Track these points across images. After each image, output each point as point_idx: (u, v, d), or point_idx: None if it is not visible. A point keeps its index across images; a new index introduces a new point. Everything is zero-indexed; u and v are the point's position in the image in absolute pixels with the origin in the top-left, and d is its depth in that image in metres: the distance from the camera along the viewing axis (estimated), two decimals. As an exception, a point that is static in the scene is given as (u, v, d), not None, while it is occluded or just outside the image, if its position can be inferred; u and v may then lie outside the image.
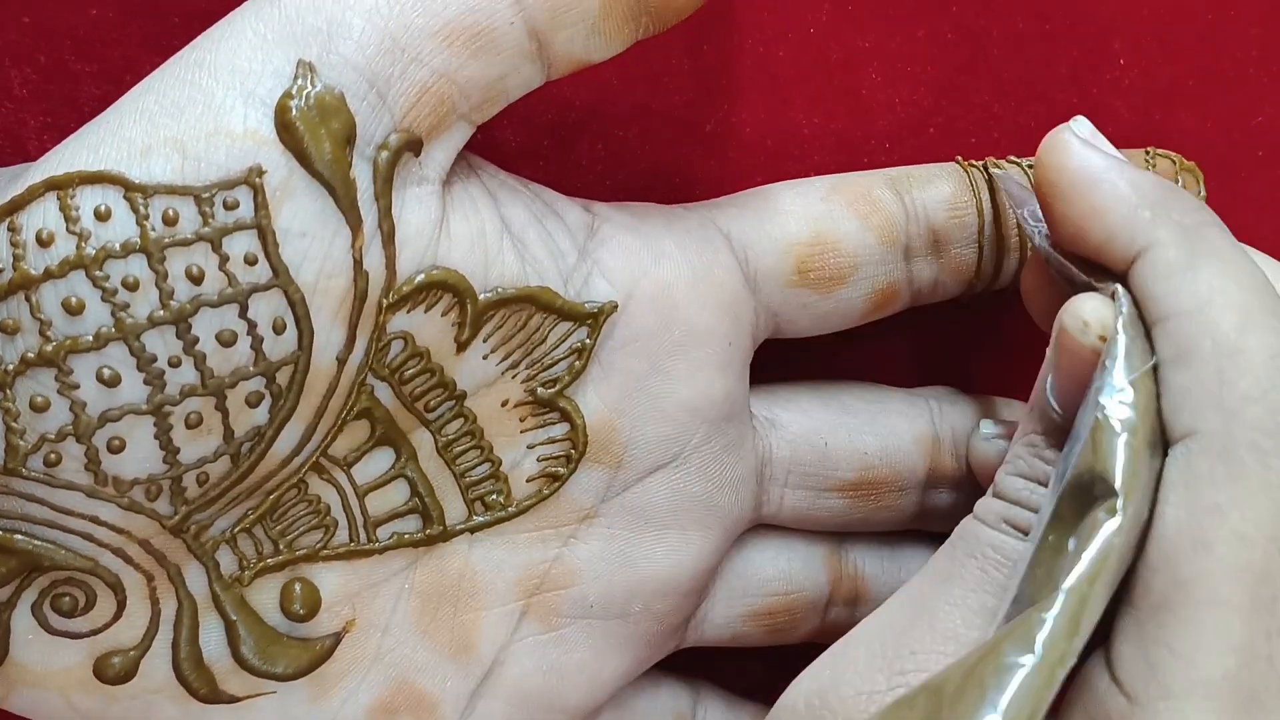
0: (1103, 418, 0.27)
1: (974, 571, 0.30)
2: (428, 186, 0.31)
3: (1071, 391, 0.29)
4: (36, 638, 0.31)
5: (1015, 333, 0.39)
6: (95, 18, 0.36)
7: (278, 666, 0.32)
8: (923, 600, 0.30)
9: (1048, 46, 0.39)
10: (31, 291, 0.28)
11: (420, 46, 0.30)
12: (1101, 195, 0.30)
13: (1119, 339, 0.28)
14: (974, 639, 0.29)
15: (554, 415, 0.33)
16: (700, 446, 0.35)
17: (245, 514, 0.31)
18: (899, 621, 0.30)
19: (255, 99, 0.29)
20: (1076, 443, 0.28)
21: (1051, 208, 0.31)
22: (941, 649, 0.29)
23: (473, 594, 0.34)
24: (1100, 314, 0.29)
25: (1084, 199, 0.30)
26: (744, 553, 0.37)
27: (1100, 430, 0.27)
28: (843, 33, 0.38)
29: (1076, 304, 0.29)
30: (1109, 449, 0.27)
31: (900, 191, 0.36)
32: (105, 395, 0.29)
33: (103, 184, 0.29)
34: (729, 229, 0.35)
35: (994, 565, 0.29)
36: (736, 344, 0.35)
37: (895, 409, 0.38)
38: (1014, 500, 0.30)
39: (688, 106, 0.38)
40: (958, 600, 0.29)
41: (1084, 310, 0.29)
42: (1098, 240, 0.30)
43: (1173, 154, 0.38)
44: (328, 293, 0.30)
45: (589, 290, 0.33)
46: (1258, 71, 0.40)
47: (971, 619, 0.29)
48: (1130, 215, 0.29)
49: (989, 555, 0.30)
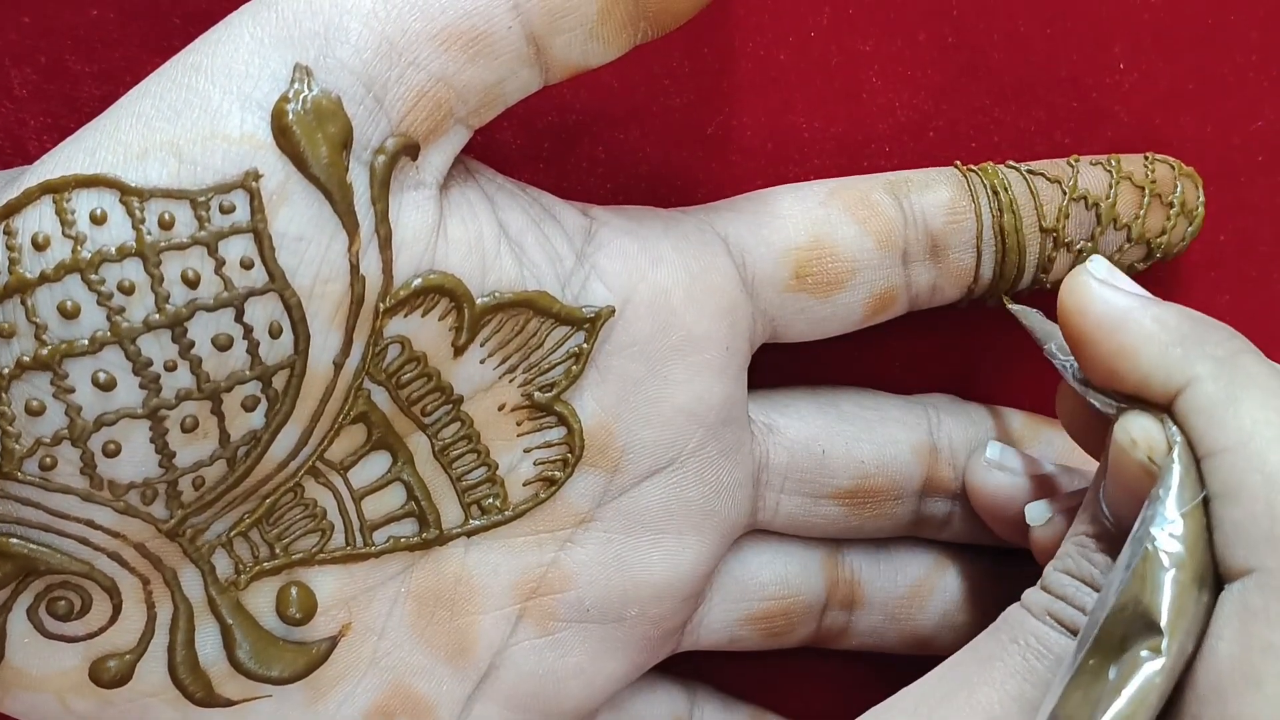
0: (1152, 549, 0.27)
1: (1016, 658, 0.30)
2: (425, 191, 0.31)
3: (1122, 501, 0.30)
4: (32, 641, 0.31)
5: (1014, 339, 0.39)
6: (95, 18, 0.36)
7: (274, 670, 0.32)
8: (963, 677, 0.30)
9: (1048, 50, 0.39)
10: (27, 295, 0.28)
11: (417, 51, 0.30)
12: (1129, 336, 0.30)
13: (1174, 469, 0.28)
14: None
15: (551, 419, 0.33)
16: (697, 451, 0.35)
17: (241, 518, 0.31)
18: (937, 693, 0.30)
19: (252, 103, 0.29)
20: (1123, 569, 0.28)
21: (1081, 350, 0.31)
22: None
23: (469, 598, 0.34)
24: (1148, 433, 0.29)
25: (1111, 340, 0.30)
26: (741, 557, 0.37)
27: (1149, 563, 0.27)
28: (843, 36, 0.38)
29: (1128, 421, 0.29)
30: (1157, 583, 0.27)
31: (899, 196, 0.36)
32: (101, 399, 0.29)
33: (99, 187, 0.28)
34: (727, 233, 0.35)
35: (1036, 655, 0.30)
36: (734, 348, 0.35)
37: (893, 417, 0.38)
38: (1060, 596, 0.30)
39: (688, 109, 0.38)
40: (998, 683, 0.30)
41: (1133, 429, 0.29)
42: (1135, 380, 0.29)
43: (1171, 159, 0.38)
44: (324, 297, 0.30)
45: (586, 294, 0.33)
46: (1257, 75, 0.40)
47: (1010, 705, 0.29)
48: (1162, 354, 0.29)
49: (1032, 644, 0.30)
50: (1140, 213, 0.37)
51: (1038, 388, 0.40)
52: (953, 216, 0.36)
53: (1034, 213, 0.36)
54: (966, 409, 0.39)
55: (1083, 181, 0.37)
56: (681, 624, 0.36)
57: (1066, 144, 0.39)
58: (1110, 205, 0.36)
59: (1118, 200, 0.37)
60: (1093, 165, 0.37)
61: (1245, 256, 0.41)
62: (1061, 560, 0.31)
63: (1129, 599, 0.27)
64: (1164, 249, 0.37)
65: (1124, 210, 0.37)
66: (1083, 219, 0.36)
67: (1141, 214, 0.37)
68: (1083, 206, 0.36)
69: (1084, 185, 0.37)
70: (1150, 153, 0.38)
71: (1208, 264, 0.40)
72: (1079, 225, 0.36)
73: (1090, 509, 0.31)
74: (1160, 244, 0.37)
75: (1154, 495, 0.28)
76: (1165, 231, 0.37)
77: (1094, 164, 0.37)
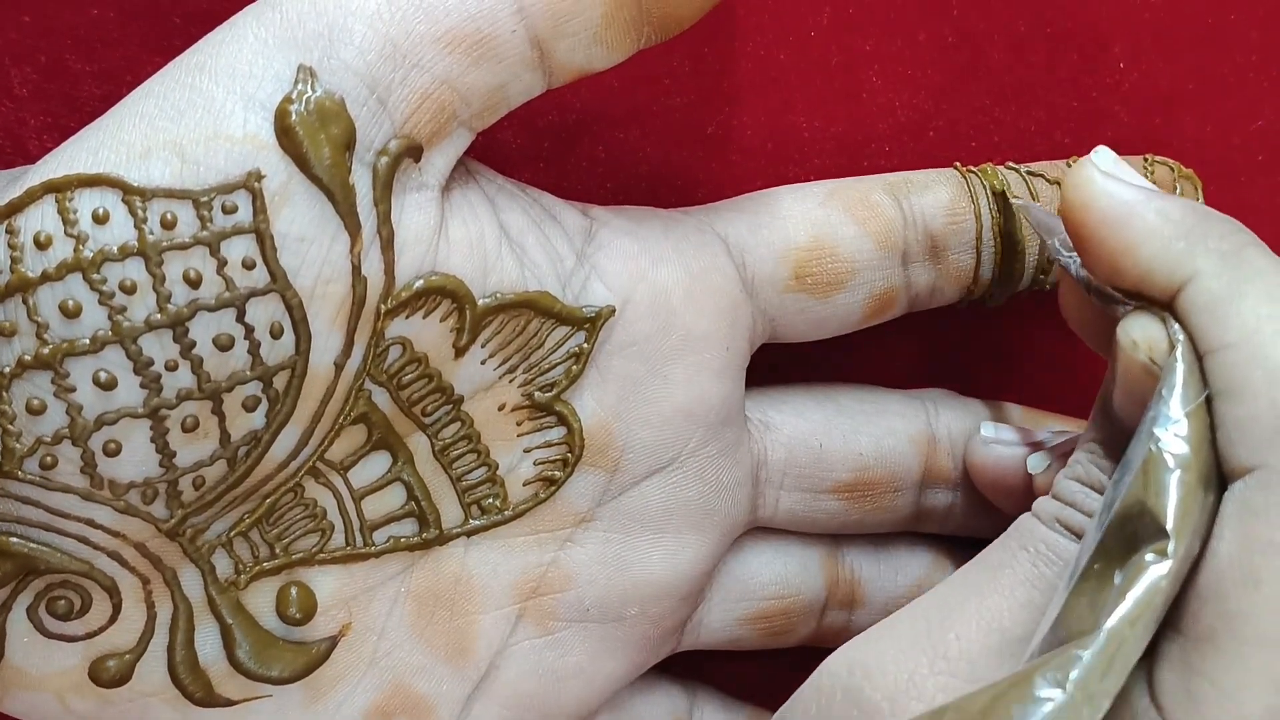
0: (1156, 450, 0.27)
1: (1025, 564, 0.30)
2: (427, 192, 0.31)
3: (1128, 404, 0.29)
4: (32, 640, 0.31)
5: (1013, 338, 0.39)
6: (95, 18, 0.36)
7: (273, 670, 0.32)
8: (972, 585, 0.30)
9: (1048, 50, 0.39)
10: (29, 294, 0.28)
11: (421, 53, 0.30)
12: (1132, 230, 0.29)
13: (1177, 368, 0.27)
14: (1018, 636, 0.29)
15: (551, 419, 0.33)
16: (697, 451, 0.35)
17: (242, 517, 0.31)
18: (947, 602, 0.30)
19: (255, 103, 0.29)
20: (1128, 472, 0.27)
21: (1084, 246, 0.30)
22: (985, 640, 0.29)
23: (469, 597, 0.34)
24: (1149, 334, 0.28)
25: (1115, 235, 0.29)
26: (741, 557, 0.37)
27: (1153, 464, 0.27)
28: (843, 36, 0.38)
29: (1129, 322, 0.29)
30: (1161, 485, 0.27)
31: (899, 197, 0.36)
32: (102, 398, 0.29)
33: (101, 187, 0.28)
34: (727, 233, 0.35)
35: (1045, 561, 0.29)
36: (734, 348, 0.35)
37: (891, 409, 0.38)
38: (1069, 502, 0.30)
39: (688, 109, 0.38)
40: (1006, 590, 0.29)
41: (1133, 329, 0.28)
42: (1136, 276, 0.29)
43: (1171, 161, 0.38)
44: (326, 298, 0.30)
45: (587, 295, 0.33)
46: (1258, 75, 0.40)
47: (1018, 612, 0.29)
48: (1165, 248, 0.29)
49: (1041, 551, 0.30)
50: (1139, 213, 0.37)
51: (1037, 389, 0.40)
52: (953, 218, 0.36)
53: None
54: (964, 402, 0.39)
55: None
56: (681, 623, 0.36)
57: (1067, 144, 0.40)
58: None
59: None
60: (1092, 167, 0.37)
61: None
62: (1071, 468, 0.31)
63: (1133, 501, 0.27)
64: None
65: (1124, 212, 0.37)
66: None
67: (1141, 215, 0.37)
68: None
69: None
70: (1149, 155, 0.38)
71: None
72: None
73: (1099, 415, 0.31)
74: (1160, 246, 0.37)
75: (1157, 395, 0.27)
76: (1164, 232, 0.37)
77: (1094, 166, 0.37)
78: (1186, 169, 0.38)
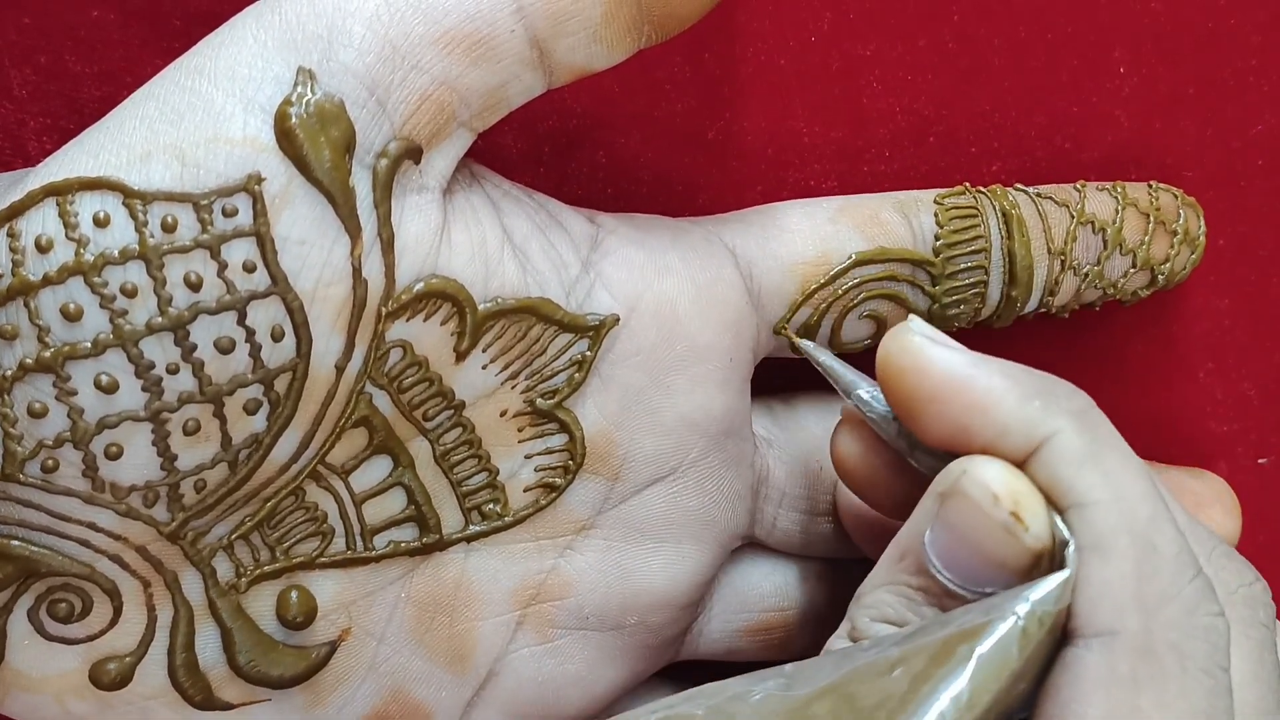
0: (1023, 626, 0.26)
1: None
2: (428, 195, 0.31)
3: (961, 555, 0.28)
4: (32, 643, 0.31)
5: (1019, 359, 0.39)
6: (96, 18, 0.36)
7: (273, 674, 0.32)
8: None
9: (1048, 55, 0.39)
10: (30, 297, 0.28)
11: (421, 54, 0.30)
12: (979, 391, 0.29)
13: (1071, 561, 0.27)
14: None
15: (552, 426, 0.33)
16: (698, 461, 0.35)
17: (242, 521, 0.31)
18: None
19: (255, 106, 0.29)
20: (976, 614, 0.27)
21: (921, 410, 0.29)
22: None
23: (469, 603, 0.34)
24: (1011, 486, 0.28)
25: (960, 397, 0.29)
26: (741, 568, 0.37)
27: (1025, 638, 0.26)
28: (844, 41, 0.38)
29: (980, 471, 0.28)
30: (1023, 651, 0.26)
31: (908, 215, 0.36)
32: (103, 402, 0.29)
33: (102, 190, 0.29)
34: (734, 245, 0.35)
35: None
36: (738, 360, 0.35)
37: None
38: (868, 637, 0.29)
39: (689, 114, 0.38)
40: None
41: (990, 480, 0.28)
42: (990, 435, 0.28)
43: (1175, 189, 0.38)
44: (326, 300, 0.30)
45: (591, 302, 0.33)
46: (1258, 80, 0.40)
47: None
48: (1021, 407, 0.28)
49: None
50: (1145, 239, 0.37)
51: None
52: (961, 237, 0.36)
53: (1042, 235, 0.36)
54: None
55: (1090, 206, 0.36)
56: (681, 633, 0.36)
57: (1067, 149, 0.40)
58: (1118, 230, 0.36)
59: (1124, 225, 0.37)
60: (1099, 191, 0.37)
61: (1245, 261, 0.41)
62: (878, 608, 0.30)
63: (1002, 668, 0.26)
64: (1168, 276, 0.37)
65: (1130, 235, 0.37)
66: (1090, 243, 0.36)
67: (1146, 240, 0.37)
68: (1089, 230, 0.36)
69: (1091, 210, 0.36)
70: (1154, 181, 0.38)
71: (1207, 268, 0.40)
72: (1086, 249, 0.36)
73: (912, 557, 0.29)
74: (1164, 270, 0.37)
75: (1042, 572, 0.27)
76: (1169, 259, 0.37)
77: (1100, 190, 0.37)
78: (1189, 197, 0.38)
